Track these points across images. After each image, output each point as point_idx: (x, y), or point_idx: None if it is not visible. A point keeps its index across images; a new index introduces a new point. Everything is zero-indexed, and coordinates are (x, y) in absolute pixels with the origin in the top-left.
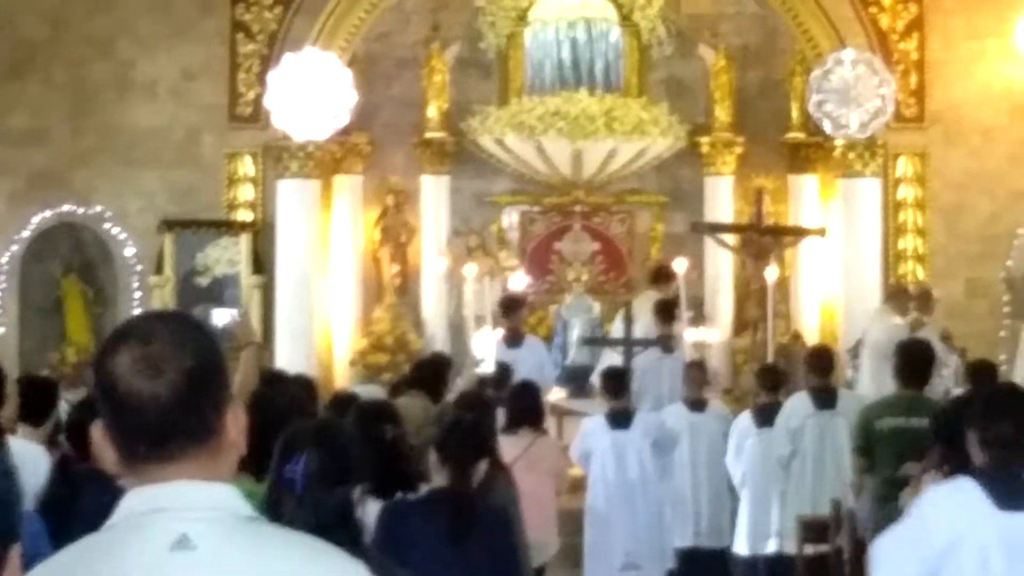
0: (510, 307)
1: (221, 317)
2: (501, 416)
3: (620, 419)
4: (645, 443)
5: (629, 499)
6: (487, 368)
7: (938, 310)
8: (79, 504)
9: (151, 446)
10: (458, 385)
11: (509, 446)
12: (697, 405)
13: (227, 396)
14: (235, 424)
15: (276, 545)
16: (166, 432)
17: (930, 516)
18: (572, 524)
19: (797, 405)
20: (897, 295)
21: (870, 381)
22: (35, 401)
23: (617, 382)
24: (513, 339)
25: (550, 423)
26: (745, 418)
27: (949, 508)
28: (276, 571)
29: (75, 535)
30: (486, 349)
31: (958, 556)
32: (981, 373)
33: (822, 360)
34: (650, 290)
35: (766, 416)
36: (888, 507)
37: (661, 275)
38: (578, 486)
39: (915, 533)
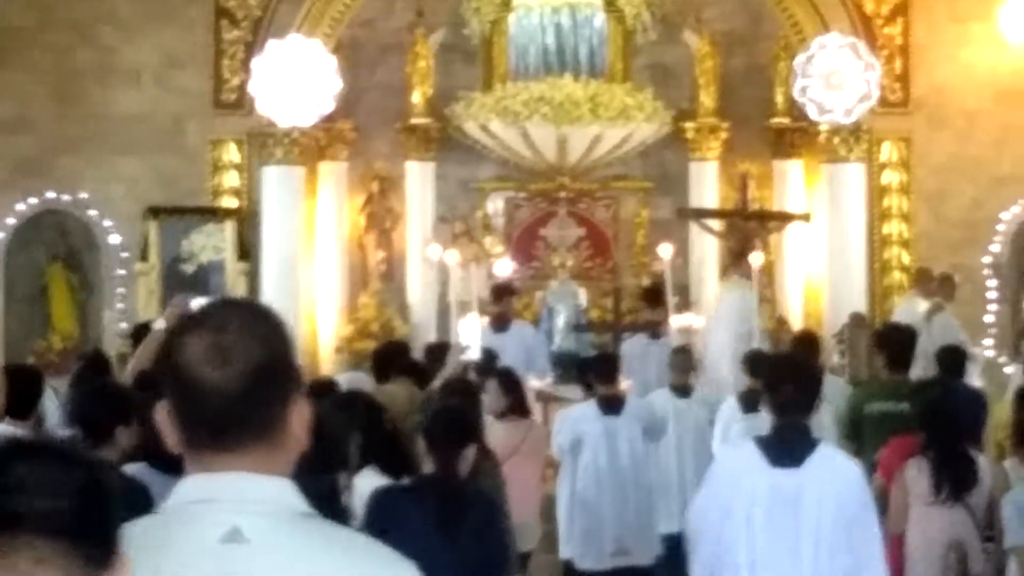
0: (500, 294)
1: (198, 304)
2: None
3: (611, 405)
4: (636, 429)
5: (620, 485)
6: (473, 355)
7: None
8: None
9: (213, 435)
10: (444, 372)
11: (504, 434)
12: (683, 391)
13: (293, 391)
14: (299, 420)
15: (328, 543)
16: (229, 423)
17: (718, 473)
18: (549, 510)
19: None
20: (921, 279)
21: None
22: (21, 392)
23: (608, 367)
24: (500, 324)
25: (536, 409)
26: (731, 404)
27: (730, 466)
28: (326, 569)
29: None
30: (472, 336)
31: (736, 505)
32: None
33: (807, 345)
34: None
35: (752, 402)
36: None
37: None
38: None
39: (709, 489)
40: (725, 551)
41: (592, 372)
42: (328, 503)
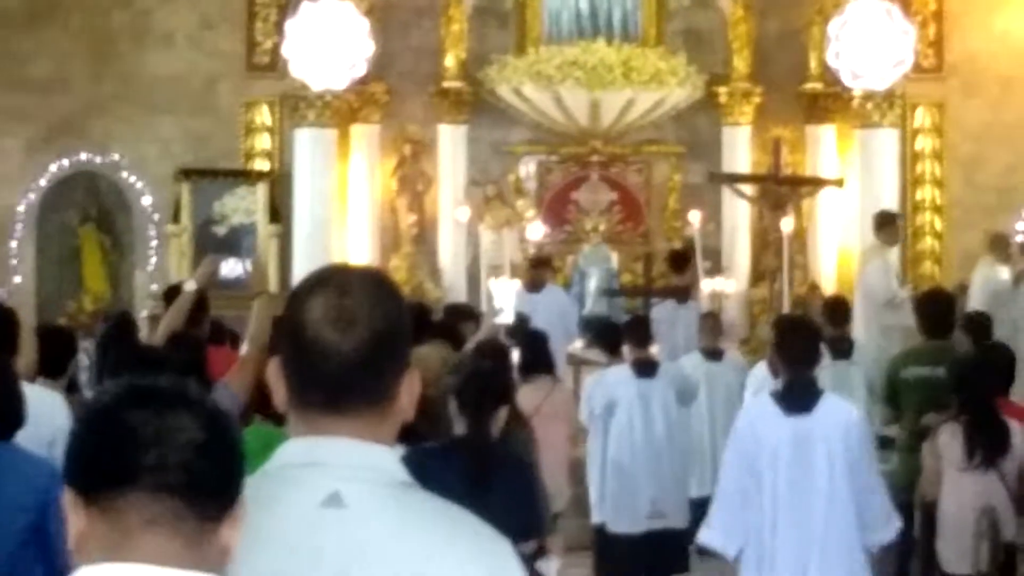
0: (539, 264)
1: (232, 268)
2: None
3: (645, 369)
4: (670, 392)
5: (655, 449)
6: (506, 318)
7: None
8: None
9: (326, 398)
10: (478, 335)
11: (527, 394)
12: (714, 355)
13: (407, 362)
14: (408, 391)
15: (425, 514)
16: (343, 387)
17: (740, 425)
18: (578, 473)
19: None
20: (997, 245)
21: None
22: (53, 352)
23: (641, 330)
24: (534, 286)
25: (567, 373)
26: (761, 368)
27: (751, 417)
28: (420, 539)
29: None
30: (505, 298)
31: (761, 451)
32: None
33: (838, 310)
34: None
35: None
36: (913, 457)
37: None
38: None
39: (735, 440)
40: (749, 495)
41: (625, 335)
42: None
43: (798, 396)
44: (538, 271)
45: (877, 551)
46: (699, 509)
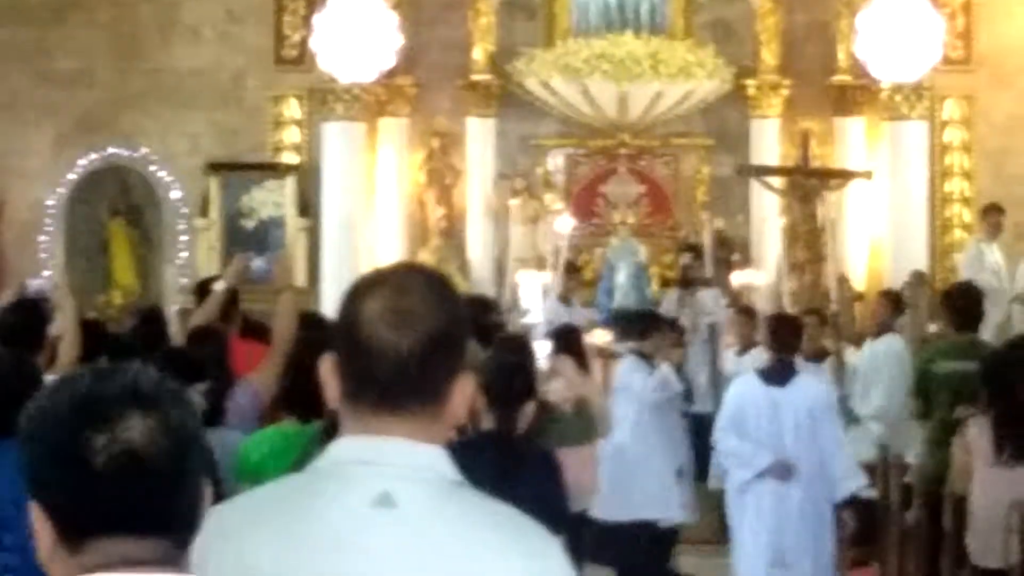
0: (570, 271)
1: (261, 265)
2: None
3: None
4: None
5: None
6: (533, 318)
7: None
8: None
9: (380, 396)
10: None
11: (557, 388)
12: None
13: (462, 364)
14: (461, 393)
15: (476, 514)
16: (398, 386)
17: (730, 394)
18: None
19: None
20: (986, 215)
21: None
22: (86, 344)
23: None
24: (566, 300)
25: (596, 366)
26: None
27: (737, 388)
28: (471, 540)
29: None
30: (532, 297)
31: (744, 415)
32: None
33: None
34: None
35: (817, 360)
36: (943, 451)
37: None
38: None
39: (725, 408)
40: (739, 443)
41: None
42: None
43: (777, 373)
44: (572, 278)
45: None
46: None
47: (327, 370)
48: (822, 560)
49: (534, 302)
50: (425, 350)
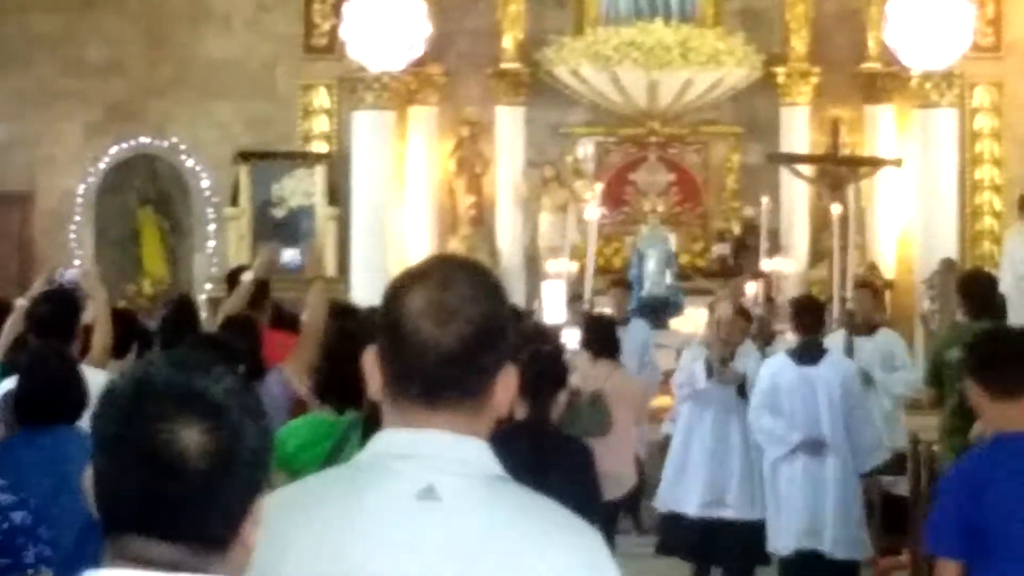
0: (620, 284)
1: (291, 256)
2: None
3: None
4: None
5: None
6: (555, 318)
7: None
8: None
9: (423, 391)
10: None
11: (590, 378)
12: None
13: (505, 357)
14: (504, 386)
15: (519, 507)
16: (440, 381)
17: (762, 374)
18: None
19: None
20: None
21: None
22: (118, 334)
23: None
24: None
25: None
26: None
27: (770, 367)
28: (515, 533)
29: None
30: (555, 299)
31: (777, 393)
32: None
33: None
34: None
35: (846, 350)
36: (955, 438)
37: None
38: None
39: (759, 388)
40: (772, 421)
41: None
42: None
43: (808, 352)
44: (621, 291)
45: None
46: None
47: (369, 363)
48: (852, 531)
49: (559, 306)
50: (468, 344)
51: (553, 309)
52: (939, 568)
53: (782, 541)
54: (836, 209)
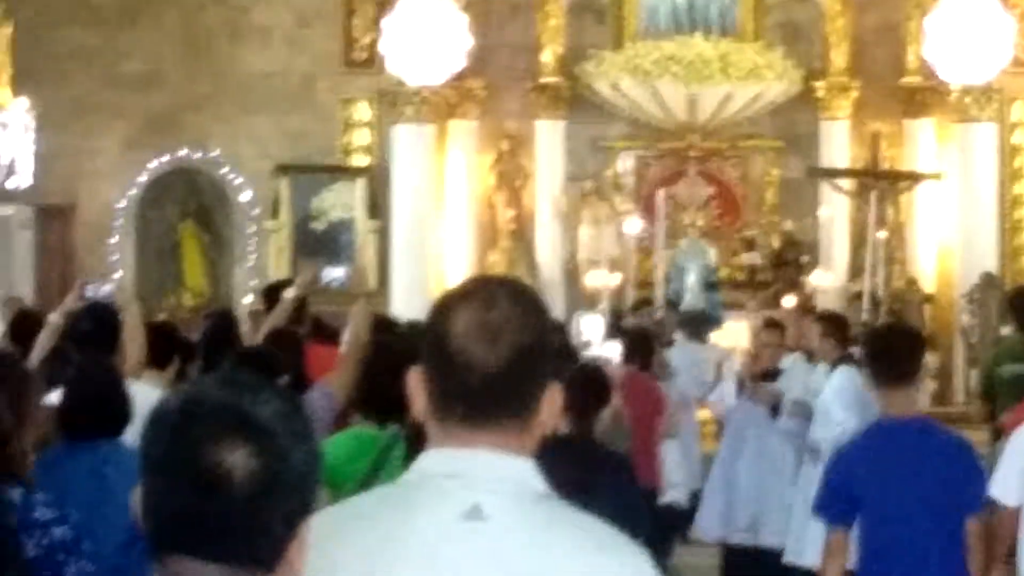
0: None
1: (333, 274)
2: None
3: None
4: None
5: None
6: (597, 351)
7: None
8: None
9: (468, 410)
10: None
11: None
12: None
13: (549, 375)
14: (549, 404)
15: (565, 526)
16: (486, 400)
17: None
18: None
19: None
20: None
21: None
22: (158, 346)
23: None
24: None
25: None
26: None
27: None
28: (562, 552)
29: None
30: (595, 331)
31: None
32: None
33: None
34: None
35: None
36: None
37: None
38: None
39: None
40: None
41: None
42: None
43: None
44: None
45: None
46: None
47: (415, 383)
48: None
49: (596, 334)
50: (513, 363)
51: (592, 334)
52: (827, 535)
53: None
54: (881, 234)
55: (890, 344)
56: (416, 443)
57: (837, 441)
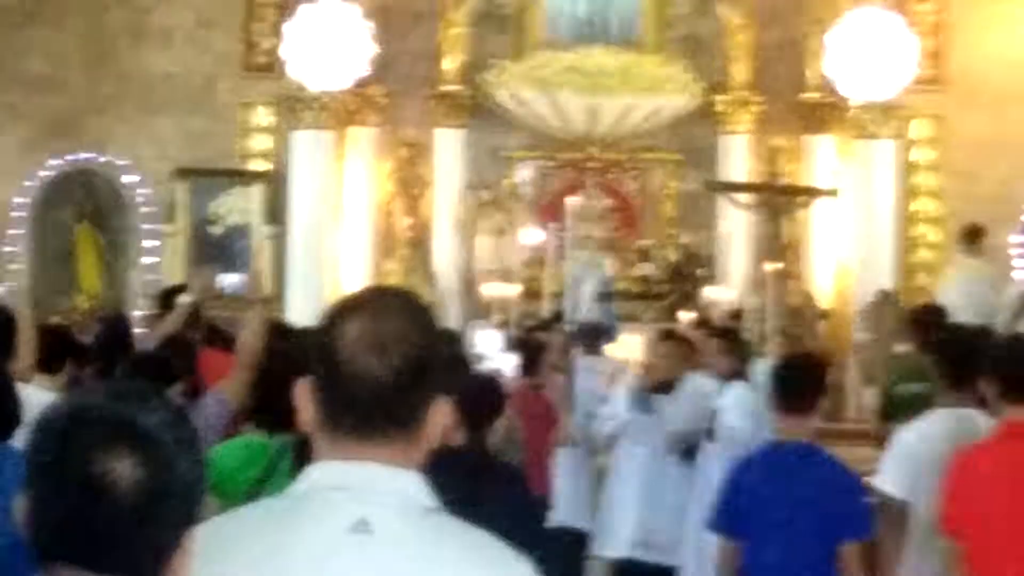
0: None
1: (230, 280)
2: None
3: None
4: None
5: None
6: (491, 365)
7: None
8: None
9: (357, 422)
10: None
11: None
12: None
13: (439, 388)
14: (438, 417)
15: (451, 540)
16: (375, 412)
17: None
18: None
19: None
20: (971, 235)
21: None
22: (51, 349)
23: None
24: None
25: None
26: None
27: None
28: (447, 565)
29: None
30: (490, 344)
31: None
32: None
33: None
34: None
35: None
36: None
37: None
38: None
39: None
40: None
41: None
42: None
43: None
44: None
45: None
46: None
47: (303, 394)
48: None
49: (492, 349)
50: (402, 375)
51: (487, 347)
52: (718, 543)
53: None
54: (769, 266)
55: (795, 377)
56: (303, 454)
57: (732, 440)
